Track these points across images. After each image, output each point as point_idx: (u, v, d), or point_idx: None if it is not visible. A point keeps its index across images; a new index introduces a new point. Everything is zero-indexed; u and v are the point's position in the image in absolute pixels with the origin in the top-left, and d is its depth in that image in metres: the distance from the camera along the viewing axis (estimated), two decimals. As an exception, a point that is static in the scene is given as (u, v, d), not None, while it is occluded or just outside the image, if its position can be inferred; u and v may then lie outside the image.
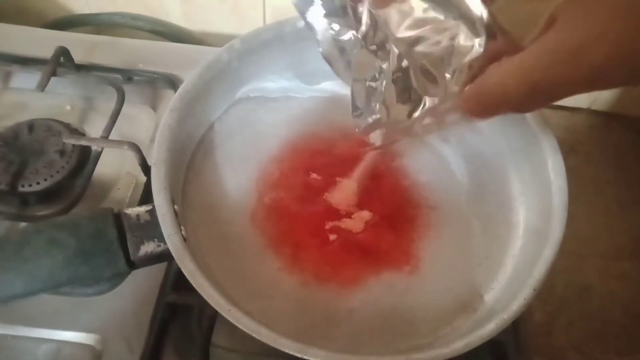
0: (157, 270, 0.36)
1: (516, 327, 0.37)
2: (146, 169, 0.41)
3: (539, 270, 0.28)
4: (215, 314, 0.34)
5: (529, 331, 0.42)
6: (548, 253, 0.28)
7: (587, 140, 0.55)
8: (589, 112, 0.57)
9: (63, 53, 0.45)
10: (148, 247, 0.29)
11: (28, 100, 0.47)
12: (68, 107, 0.47)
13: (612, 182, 0.52)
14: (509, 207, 0.36)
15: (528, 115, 0.34)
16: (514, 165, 0.37)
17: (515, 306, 0.27)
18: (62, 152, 0.41)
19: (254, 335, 0.26)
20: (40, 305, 0.36)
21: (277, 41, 0.39)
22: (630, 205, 0.51)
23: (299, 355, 0.26)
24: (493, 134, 0.38)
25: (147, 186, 0.41)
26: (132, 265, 0.29)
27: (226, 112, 0.39)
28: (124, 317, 0.35)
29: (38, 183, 0.40)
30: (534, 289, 0.27)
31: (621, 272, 0.47)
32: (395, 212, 0.36)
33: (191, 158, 0.37)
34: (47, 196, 0.40)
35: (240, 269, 0.33)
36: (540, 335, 0.43)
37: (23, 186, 0.39)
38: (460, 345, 0.26)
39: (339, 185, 0.35)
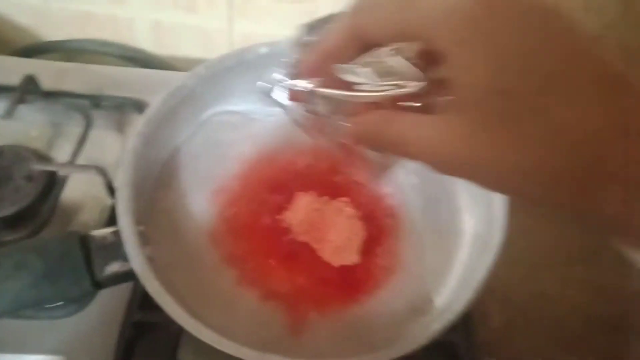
0: (123, 291, 0.37)
1: (469, 330, 0.39)
2: (112, 192, 0.42)
3: (480, 274, 0.30)
4: (180, 331, 0.35)
5: (488, 337, 0.44)
6: (488, 259, 0.31)
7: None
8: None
9: (30, 80, 0.46)
10: (113, 267, 0.30)
11: (-6, 127, 0.48)
12: (35, 133, 0.47)
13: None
14: (458, 217, 0.38)
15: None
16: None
17: (458, 307, 0.29)
18: (29, 178, 0.42)
19: (215, 346, 0.27)
20: (5, 329, 0.36)
21: (240, 67, 0.41)
22: (581, 215, 0.54)
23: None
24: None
25: (113, 209, 0.42)
26: (98, 285, 0.30)
27: (191, 134, 0.41)
28: (91, 338, 0.36)
29: (5, 208, 0.40)
30: (475, 292, 0.29)
31: (575, 278, 0.49)
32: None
33: (157, 180, 0.38)
34: (14, 221, 0.41)
35: (203, 285, 0.34)
36: (500, 341, 0.45)
37: (-11, 212, 0.40)
38: (408, 344, 0.27)
39: (296, 200, 0.37)
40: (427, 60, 0.20)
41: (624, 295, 0.48)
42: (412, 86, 0.21)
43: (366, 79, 0.22)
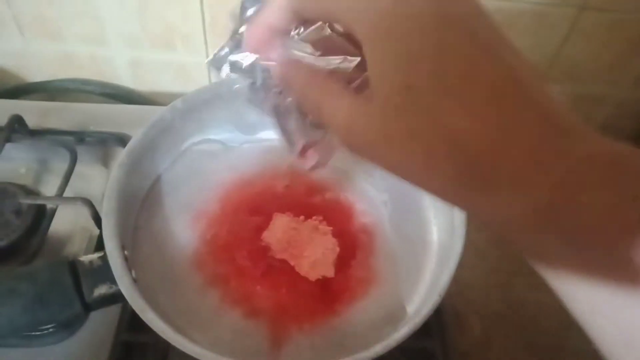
0: (111, 314, 0.39)
1: (444, 338, 0.41)
2: (99, 222, 0.43)
3: (444, 279, 0.33)
4: (167, 349, 0.37)
5: (469, 346, 0.46)
6: (451, 264, 0.33)
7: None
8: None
9: (17, 120, 0.48)
10: (101, 290, 0.32)
11: (-18, 167, 0.49)
12: (23, 170, 0.49)
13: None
14: (425, 229, 0.41)
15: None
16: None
17: (424, 311, 0.31)
18: (17, 212, 0.44)
19: (200, 358, 0.29)
20: None
21: (216, 99, 0.44)
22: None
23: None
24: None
25: (100, 238, 0.43)
26: (87, 307, 0.32)
27: (172, 164, 0.43)
28: (82, 362, 0.38)
29: (-5, 242, 0.42)
30: (440, 295, 0.32)
31: (547, 285, 0.52)
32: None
33: (140, 207, 0.40)
34: (4, 255, 0.42)
35: (187, 306, 0.36)
36: (480, 349, 0.47)
37: (-20, 247, 0.42)
38: (380, 347, 0.30)
39: (274, 221, 0.40)
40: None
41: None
42: (346, 61, 0.22)
43: (305, 53, 0.23)
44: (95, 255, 0.33)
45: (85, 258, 0.33)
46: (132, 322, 0.38)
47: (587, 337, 0.48)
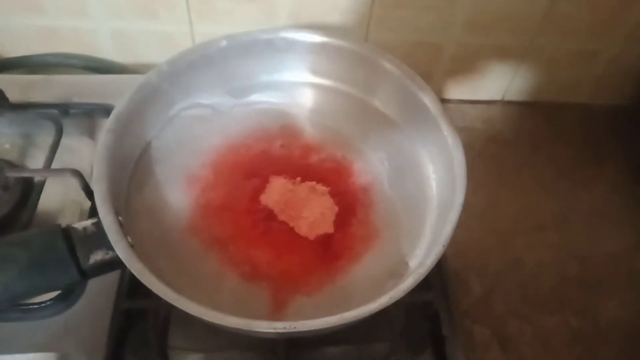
0: (110, 282, 0.38)
1: (445, 291, 0.41)
2: (90, 193, 0.42)
3: (446, 230, 0.32)
4: (168, 315, 0.36)
5: (470, 305, 0.46)
6: (453, 216, 0.33)
7: (504, 128, 0.61)
8: (503, 103, 0.63)
9: (-2, 94, 0.46)
10: (97, 256, 0.31)
11: (-36, 143, 0.48)
12: (7, 146, 0.48)
13: (530, 164, 0.58)
14: (425, 185, 0.40)
15: (430, 105, 0.40)
16: (424, 148, 0.42)
17: (428, 262, 0.31)
18: (5, 187, 0.42)
19: (202, 317, 0.29)
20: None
21: (203, 61, 0.43)
22: (548, 182, 0.56)
23: (246, 328, 0.28)
24: (405, 124, 0.43)
25: (92, 210, 0.43)
26: (84, 274, 0.31)
27: (161, 129, 0.42)
28: (82, 331, 0.37)
29: (-17, 218, 0.41)
30: (443, 246, 0.32)
31: (546, 243, 0.52)
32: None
33: (132, 173, 0.39)
34: (-7, 230, 0.41)
35: (187, 270, 0.36)
36: (481, 307, 0.47)
37: (-32, 223, 0.41)
38: (386, 299, 0.29)
39: (270, 183, 0.39)
40: None
41: (594, 256, 0.51)
42: None
43: None
44: (89, 222, 0.32)
45: (79, 225, 0.32)
46: (130, 289, 0.38)
47: (586, 293, 0.49)
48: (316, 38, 0.44)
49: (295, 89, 0.46)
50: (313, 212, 0.38)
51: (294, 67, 0.45)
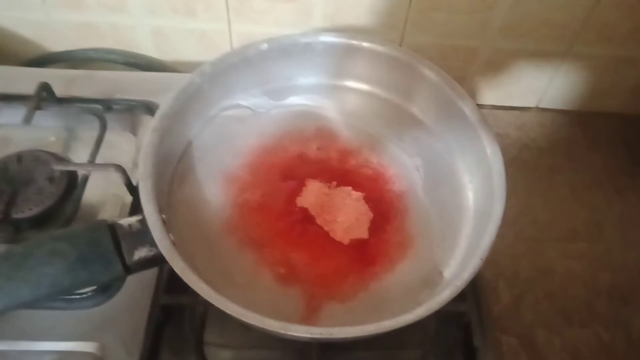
0: (149, 277, 0.39)
1: (478, 302, 0.41)
2: (132, 189, 0.44)
3: (485, 242, 0.32)
4: (205, 312, 0.37)
5: (499, 313, 0.46)
6: (491, 228, 0.33)
7: (537, 135, 0.61)
8: (538, 109, 0.63)
9: (45, 88, 0.48)
10: (141, 253, 0.32)
11: (12, 134, 0.50)
12: (52, 138, 0.50)
13: (563, 172, 0.57)
14: (460, 194, 0.40)
15: (468, 112, 0.40)
16: (461, 157, 0.42)
17: (466, 275, 0.31)
18: (51, 179, 0.44)
19: (241, 318, 0.30)
20: (42, 320, 0.38)
21: (243, 63, 0.43)
22: (581, 191, 0.56)
23: (283, 332, 0.29)
24: (442, 132, 0.43)
25: (134, 205, 0.44)
26: (128, 269, 0.32)
27: (203, 129, 0.43)
28: (121, 324, 0.38)
29: (30, 209, 0.42)
30: (481, 259, 0.32)
31: (578, 253, 0.51)
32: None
33: (173, 171, 0.40)
34: (39, 221, 0.43)
35: (224, 268, 0.36)
36: (509, 316, 0.47)
37: (16, 213, 0.42)
38: (422, 310, 0.30)
39: (306, 187, 0.39)
40: None
41: (627, 267, 0.50)
42: None
43: None
44: (134, 219, 0.33)
45: (124, 221, 0.33)
46: (169, 285, 0.39)
47: (617, 305, 0.48)
48: (354, 43, 0.44)
49: (333, 92, 0.46)
50: (348, 217, 0.39)
51: (332, 70, 0.46)
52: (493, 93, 0.62)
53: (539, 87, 0.60)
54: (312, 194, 0.40)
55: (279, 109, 0.46)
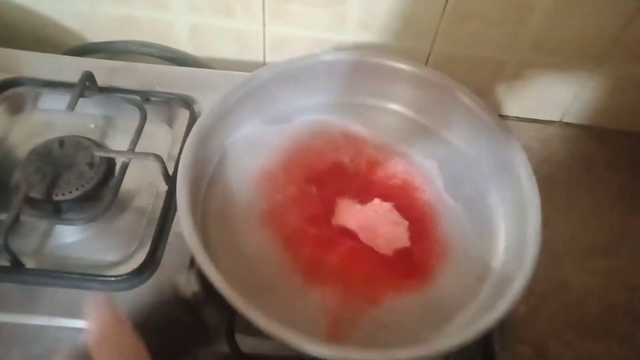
0: (182, 262, 0.41)
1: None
2: (168, 178, 0.45)
3: (531, 231, 0.37)
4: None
5: (514, 323, 0.47)
6: (534, 214, 0.38)
7: (559, 149, 0.61)
8: (561, 124, 0.63)
9: (89, 77, 0.50)
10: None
11: (55, 120, 0.52)
12: (92, 126, 0.51)
13: (584, 187, 0.57)
14: (485, 191, 0.42)
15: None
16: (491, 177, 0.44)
17: (527, 267, 0.35)
18: (91, 165, 0.46)
19: (287, 341, 0.31)
20: (73, 298, 0.40)
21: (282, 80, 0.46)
22: (601, 207, 0.56)
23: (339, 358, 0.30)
24: (471, 151, 0.46)
25: (169, 194, 0.45)
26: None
27: (235, 138, 0.46)
28: (151, 309, 0.39)
29: (70, 192, 0.44)
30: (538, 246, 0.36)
31: (595, 268, 0.51)
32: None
33: (210, 176, 0.42)
34: (78, 204, 0.44)
35: (250, 267, 0.38)
36: (524, 327, 0.47)
37: (57, 195, 0.44)
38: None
39: (338, 204, 0.41)
40: None
41: (645, 284, 0.51)
42: None
43: None
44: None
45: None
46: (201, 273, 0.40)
47: (631, 322, 0.48)
48: (402, 66, 0.46)
49: (366, 111, 0.48)
50: (387, 229, 0.40)
51: (370, 90, 0.47)
52: (517, 105, 0.62)
53: (564, 101, 0.61)
54: (345, 212, 0.41)
55: (311, 121, 0.47)
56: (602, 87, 0.59)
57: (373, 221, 0.40)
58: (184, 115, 0.51)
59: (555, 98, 0.61)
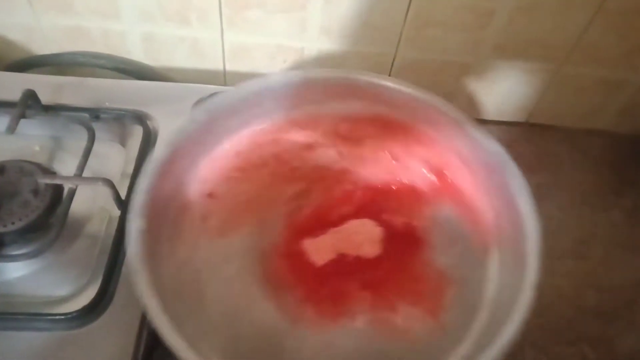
0: (137, 299, 0.38)
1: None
2: (120, 203, 0.43)
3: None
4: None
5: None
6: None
7: (526, 151, 0.61)
8: (527, 125, 0.63)
9: (31, 95, 0.46)
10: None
11: (-7, 143, 0.48)
12: (37, 148, 0.48)
13: (551, 189, 0.57)
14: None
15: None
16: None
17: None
18: (35, 192, 0.42)
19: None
20: (21, 342, 0.37)
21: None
22: (569, 208, 0.56)
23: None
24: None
25: (122, 219, 0.43)
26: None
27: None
28: (106, 347, 0.37)
29: (13, 223, 0.41)
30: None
31: (566, 271, 0.52)
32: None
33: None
34: (22, 235, 0.41)
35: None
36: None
37: (-2, 227, 0.41)
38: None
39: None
40: None
41: (613, 287, 0.51)
42: None
43: None
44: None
45: None
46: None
47: (603, 324, 0.49)
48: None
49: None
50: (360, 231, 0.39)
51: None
52: (484, 107, 0.62)
53: (528, 103, 0.61)
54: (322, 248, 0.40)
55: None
56: (564, 88, 0.59)
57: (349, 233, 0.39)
58: (137, 132, 0.49)
59: (520, 99, 0.61)
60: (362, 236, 0.40)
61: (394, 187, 0.44)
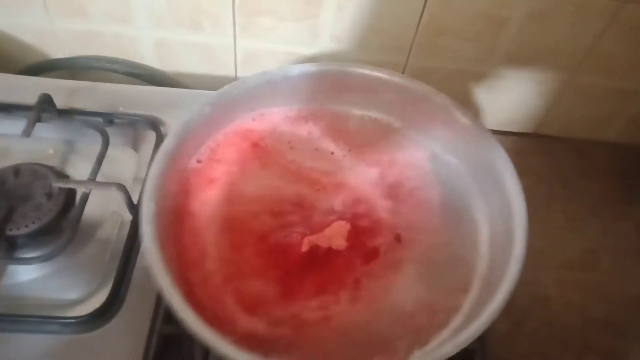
0: (148, 304, 0.39)
1: (482, 336, 0.41)
2: (132, 208, 0.43)
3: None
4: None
5: (496, 342, 0.46)
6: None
7: (535, 162, 0.61)
8: (536, 136, 0.63)
9: (46, 100, 0.47)
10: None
11: (10, 145, 0.48)
12: (51, 151, 0.48)
13: (561, 199, 0.57)
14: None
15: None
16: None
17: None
18: (49, 195, 0.43)
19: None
20: (32, 344, 0.37)
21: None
22: (578, 219, 0.56)
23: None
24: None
25: (134, 224, 0.43)
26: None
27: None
28: (117, 351, 0.37)
29: (26, 226, 0.41)
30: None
31: (575, 282, 0.51)
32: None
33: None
34: (35, 238, 0.42)
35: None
36: (506, 345, 0.47)
37: (11, 230, 0.41)
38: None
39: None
40: None
41: (623, 298, 0.51)
42: None
43: None
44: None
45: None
46: (168, 313, 0.38)
47: (612, 335, 0.48)
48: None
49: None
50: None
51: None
52: (493, 117, 0.62)
53: (538, 113, 0.61)
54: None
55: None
56: (574, 98, 0.59)
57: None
58: (150, 137, 0.49)
59: (530, 109, 0.61)
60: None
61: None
